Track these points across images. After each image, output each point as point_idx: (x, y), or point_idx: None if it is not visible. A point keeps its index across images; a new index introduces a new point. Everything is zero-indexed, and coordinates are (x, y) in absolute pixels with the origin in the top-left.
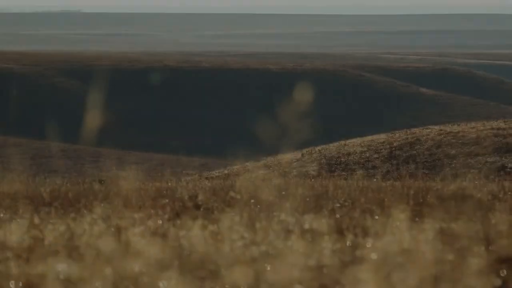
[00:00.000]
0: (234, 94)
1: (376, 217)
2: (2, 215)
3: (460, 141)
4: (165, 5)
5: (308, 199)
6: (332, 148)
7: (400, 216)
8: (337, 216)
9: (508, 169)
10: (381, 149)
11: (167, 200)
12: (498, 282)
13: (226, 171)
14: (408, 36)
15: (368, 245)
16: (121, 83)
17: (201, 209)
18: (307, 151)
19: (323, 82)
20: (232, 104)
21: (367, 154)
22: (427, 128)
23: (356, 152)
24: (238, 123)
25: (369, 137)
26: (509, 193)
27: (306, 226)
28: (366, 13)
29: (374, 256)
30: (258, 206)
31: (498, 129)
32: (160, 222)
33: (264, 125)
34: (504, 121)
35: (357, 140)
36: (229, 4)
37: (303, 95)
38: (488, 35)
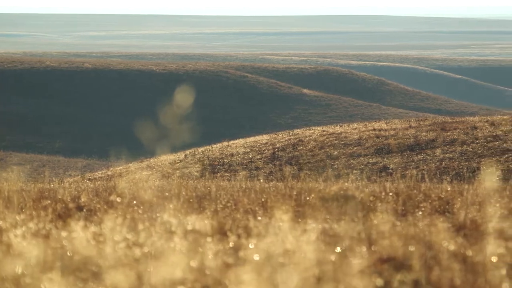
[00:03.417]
0: (117, 95)
1: (259, 218)
2: None
3: (343, 142)
4: (46, 5)
5: (191, 200)
6: (215, 149)
7: (283, 217)
8: (220, 217)
9: (390, 170)
10: (264, 150)
11: (49, 202)
12: (380, 282)
13: (109, 172)
14: (292, 37)
15: (251, 246)
16: (3, 83)
17: (84, 211)
18: (190, 152)
19: (206, 83)
20: (115, 105)
21: (250, 155)
22: (309, 129)
23: (239, 153)
24: (121, 124)
25: (252, 138)
26: (390, 194)
27: (189, 227)
28: (250, 14)
29: (256, 257)
30: (141, 207)
31: (380, 130)
32: (42, 223)
33: (147, 126)
34: (386, 122)
35: (240, 141)
36: (112, 6)
37: (186, 96)
38: (371, 37)
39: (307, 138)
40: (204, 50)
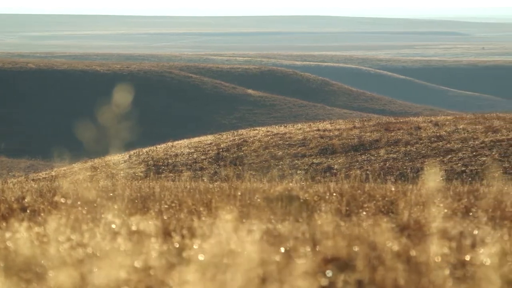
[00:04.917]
0: (61, 95)
1: (204, 218)
2: None
3: (287, 143)
4: None
5: (135, 201)
6: (160, 149)
7: (227, 217)
8: (165, 217)
9: (334, 170)
10: (209, 150)
11: None
12: (325, 282)
13: (53, 173)
14: (236, 38)
15: (195, 246)
16: None
17: (28, 211)
18: (134, 153)
19: (150, 83)
20: (59, 105)
21: (195, 156)
22: (254, 130)
23: (183, 154)
24: (65, 125)
25: (197, 139)
26: (334, 194)
27: (133, 227)
28: (194, 14)
29: (201, 257)
30: (85, 207)
31: (324, 130)
32: None
33: (91, 126)
34: (330, 123)
35: (184, 142)
36: (55, 6)
37: (130, 96)
38: (315, 37)
39: (251, 139)
40: (148, 50)
